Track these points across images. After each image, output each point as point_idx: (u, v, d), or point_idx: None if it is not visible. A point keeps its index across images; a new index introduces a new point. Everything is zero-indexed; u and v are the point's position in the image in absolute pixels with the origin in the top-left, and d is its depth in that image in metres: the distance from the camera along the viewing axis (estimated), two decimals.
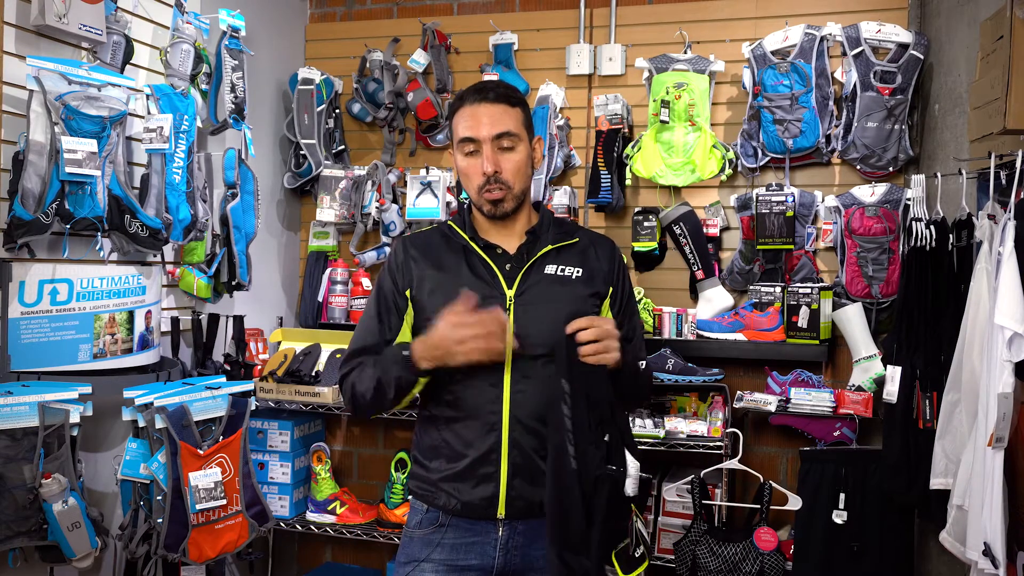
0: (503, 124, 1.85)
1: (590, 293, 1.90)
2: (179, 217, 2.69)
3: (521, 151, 1.88)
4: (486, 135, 1.85)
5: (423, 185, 3.44)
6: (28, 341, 2.38)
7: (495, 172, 1.85)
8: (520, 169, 1.88)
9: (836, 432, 2.96)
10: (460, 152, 1.89)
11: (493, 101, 1.87)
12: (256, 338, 3.40)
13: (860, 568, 2.79)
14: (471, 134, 1.86)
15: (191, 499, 2.46)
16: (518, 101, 1.91)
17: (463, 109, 1.89)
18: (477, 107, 1.87)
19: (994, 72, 2.12)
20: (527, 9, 3.60)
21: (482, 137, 1.85)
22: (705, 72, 3.14)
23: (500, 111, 1.86)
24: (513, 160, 1.87)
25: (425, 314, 1.88)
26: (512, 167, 1.87)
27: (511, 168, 1.87)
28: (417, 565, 1.88)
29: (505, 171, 1.86)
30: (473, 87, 1.92)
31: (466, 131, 1.87)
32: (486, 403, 1.81)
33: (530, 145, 1.92)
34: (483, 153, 1.85)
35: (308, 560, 3.76)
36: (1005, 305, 1.91)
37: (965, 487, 2.07)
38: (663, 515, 3.04)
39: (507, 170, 1.86)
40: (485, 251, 1.89)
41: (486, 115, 1.86)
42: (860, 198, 3.03)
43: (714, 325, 3.13)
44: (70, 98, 2.35)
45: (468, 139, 1.86)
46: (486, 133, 1.85)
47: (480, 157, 1.86)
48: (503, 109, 1.87)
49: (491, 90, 1.89)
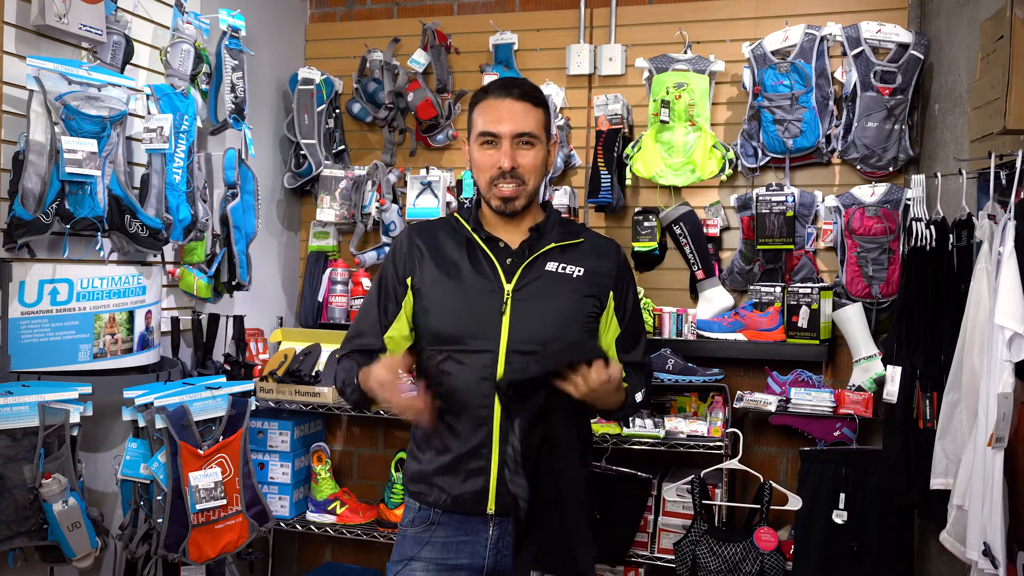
0: (525, 124, 1.85)
1: (589, 294, 1.90)
2: (179, 217, 2.69)
3: (540, 151, 1.89)
4: (507, 132, 1.84)
5: (423, 185, 3.44)
6: (28, 341, 2.38)
7: (512, 167, 1.85)
8: (537, 167, 1.89)
9: (836, 432, 2.96)
10: (476, 144, 1.88)
11: (518, 99, 1.86)
12: (256, 338, 3.40)
13: (860, 568, 2.79)
14: (492, 129, 1.85)
15: (191, 499, 2.46)
16: (541, 102, 1.91)
17: (486, 102, 1.88)
18: (501, 102, 1.86)
19: (994, 72, 2.12)
20: (527, 9, 3.60)
21: (503, 133, 1.84)
22: (705, 72, 3.14)
23: (524, 110, 1.86)
24: (531, 157, 1.87)
25: (424, 303, 1.89)
26: (530, 163, 1.87)
27: (528, 164, 1.87)
28: (407, 563, 1.89)
29: (522, 166, 1.86)
30: (499, 82, 1.91)
31: (487, 125, 1.86)
32: (478, 397, 1.82)
33: (546, 147, 1.92)
34: (501, 148, 1.84)
35: (308, 560, 3.76)
36: (1005, 305, 1.91)
37: (965, 487, 2.07)
38: (663, 515, 3.04)
39: (524, 165, 1.86)
40: (487, 244, 1.90)
41: (510, 112, 1.85)
42: (860, 198, 3.03)
43: (714, 325, 3.13)
44: (70, 98, 2.35)
45: (488, 133, 1.86)
46: (507, 130, 1.84)
47: (496, 151, 1.85)
48: (527, 108, 1.87)
49: (517, 87, 1.89)
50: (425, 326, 1.90)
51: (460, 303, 1.86)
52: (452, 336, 1.85)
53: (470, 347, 1.83)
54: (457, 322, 1.85)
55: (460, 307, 1.86)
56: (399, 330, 1.93)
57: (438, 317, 1.88)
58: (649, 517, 3.05)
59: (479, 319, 1.84)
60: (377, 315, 1.94)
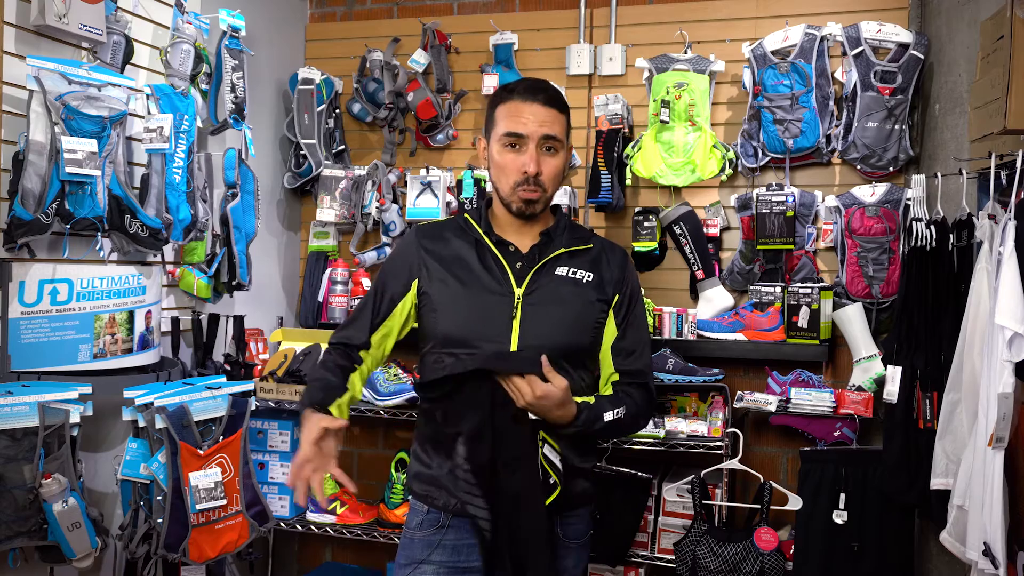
0: (552, 128, 1.85)
1: (598, 299, 1.90)
2: (179, 217, 2.69)
3: (561, 158, 1.89)
4: (535, 134, 1.84)
5: (423, 185, 3.44)
6: (28, 341, 2.38)
7: (537, 174, 1.84)
8: (557, 175, 1.89)
9: (836, 432, 2.96)
10: (499, 144, 1.87)
11: (545, 104, 1.86)
12: (256, 338, 3.40)
13: (860, 568, 2.79)
14: (520, 130, 1.84)
15: (191, 499, 2.46)
16: (566, 108, 1.91)
17: (512, 103, 1.86)
18: (529, 105, 1.85)
19: (994, 72, 2.12)
20: (527, 9, 3.60)
21: (531, 134, 1.84)
22: (705, 72, 3.14)
23: (552, 116, 1.86)
24: (553, 165, 1.87)
25: (433, 304, 1.88)
26: (552, 171, 1.87)
27: (551, 173, 1.87)
28: (417, 567, 1.88)
29: (545, 174, 1.86)
30: (525, 83, 1.90)
31: (514, 126, 1.85)
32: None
33: (567, 154, 1.92)
34: (527, 151, 1.84)
35: (308, 560, 3.76)
36: (1005, 305, 1.91)
37: (965, 487, 2.07)
38: (663, 515, 3.03)
39: (547, 174, 1.86)
40: (498, 247, 1.89)
41: (537, 115, 1.84)
42: (860, 198, 3.03)
43: (714, 325, 3.13)
44: (70, 98, 2.35)
45: (514, 134, 1.84)
46: (536, 132, 1.84)
47: (521, 154, 1.84)
48: (554, 114, 1.87)
49: (543, 91, 1.88)
50: (433, 328, 1.89)
51: (470, 306, 1.86)
52: (461, 339, 1.84)
53: (480, 350, 1.82)
54: (467, 324, 1.85)
55: (470, 310, 1.86)
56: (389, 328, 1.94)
57: (448, 319, 1.87)
58: (649, 517, 3.05)
59: (489, 322, 1.83)
60: (371, 312, 1.94)
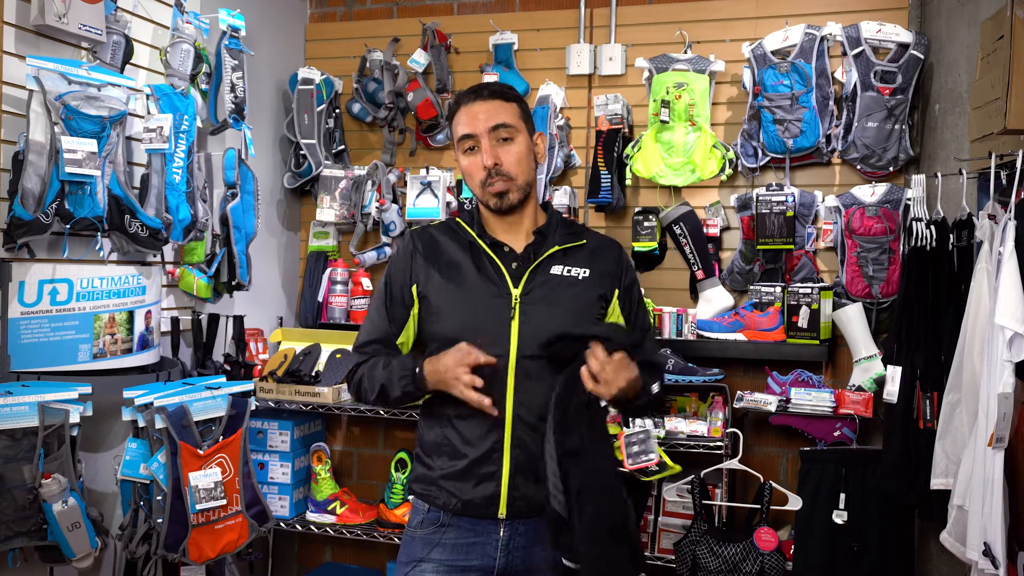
0: (498, 117, 1.87)
1: (596, 295, 1.91)
2: (179, 217, 2.69)
3: (521, 142, 1.89)
4: (482, 128, 1.86)
5: (423, 185, 3.44)
6: (28, 341, 2.38)
7: (495, 164, 1.86)
8: (521, 160, 1.89)
9: (836, 432, 2.96)
10: (460, 151, 1.91)
11: (487, 98, 1.90)
12: (256, 338, 3.40)
13: (860, 568, 2.79)
14: (469, 130, 1.88)
15: (191, 499, 2.46)
16: (513, 97, 1.93)
17: (460, 111, 1.91)
18: (472, 106, 1.89)
19: (994, 72, 2.12)
20: (527, 9, 3.60)
21: (479, 131, 1.87)
22: (705, 72, 3.14)
23: (495, 106, 1.89)
24: (513, 151, 1.88)
25: (432, 310, 1.89)
26: (512, 158, 1.88)
27: (511, 160, 1.88)
28: (417, 565, 1.88)
29: (506, 163, 1.87)
30: (468, 89, 1.95)
31: (463, 128, 1.89)
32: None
33: (531, 139, 1.93)
34: (481, 147, 1.87)
35: (308, 560, 3.76)
36: (1005, 305, 1.91)
37: (965, 487, 2.07)
38: (663, 515, 3.04)
39: (507, 162, 1.87)
40: (492, 248, 1.90)
41: (481, 111, 1.88)
42: (860, 198, 3.03)
43: (714, 325, 3.13)
44: (70, 98, 2.35)
45: (466, 136, 1.88)
46: (482, 127, 1.87)
47: (479, 153, 1.87)
48: (498, 104, 1.89)
49: (485, 88, 1.93)
50: (433, 331, 1.91)
51: (468, 308, 1.87)
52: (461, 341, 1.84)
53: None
54: (466, 327, 1.85)
55: (469, 313, 1.86)
56: (407, 336, 1.95)
57: (447, 322, 1.88)
58: (649, 517, 3.06)
59: (488, 325, 1.84)
60: (385, 324, 1.94)
